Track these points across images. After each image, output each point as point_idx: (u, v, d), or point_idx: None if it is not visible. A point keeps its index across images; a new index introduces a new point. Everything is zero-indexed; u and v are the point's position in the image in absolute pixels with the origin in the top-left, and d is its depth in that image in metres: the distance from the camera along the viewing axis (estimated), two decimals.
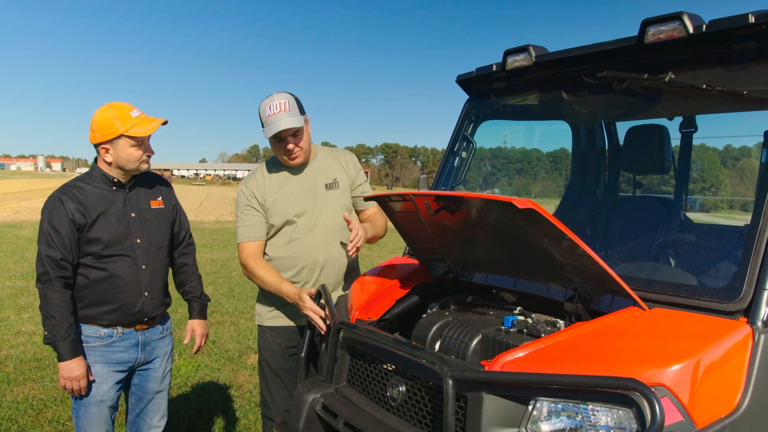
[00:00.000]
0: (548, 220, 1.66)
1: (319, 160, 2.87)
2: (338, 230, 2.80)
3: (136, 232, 2.51)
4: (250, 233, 2.82)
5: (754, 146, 2.46)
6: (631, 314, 1.77)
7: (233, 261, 12.06)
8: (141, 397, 2.69)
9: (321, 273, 2.78)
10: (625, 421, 1.45)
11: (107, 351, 2.51)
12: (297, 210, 2.77)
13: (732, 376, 1.55)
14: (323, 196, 2.80)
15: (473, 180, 3.27)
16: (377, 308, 2.38)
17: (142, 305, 2.54)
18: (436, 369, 1.68)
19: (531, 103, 2.85)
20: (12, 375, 4.90)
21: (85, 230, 2.41)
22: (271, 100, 2.64)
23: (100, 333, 2.50)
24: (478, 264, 2.37)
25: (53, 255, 2.35)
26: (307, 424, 2.16)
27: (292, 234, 2.79)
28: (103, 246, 2.43)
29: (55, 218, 2.37)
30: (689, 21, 1.96)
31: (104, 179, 2.49)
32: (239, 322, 6.97)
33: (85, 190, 2.45)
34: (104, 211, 2.45)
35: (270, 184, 2.82)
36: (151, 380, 2.68)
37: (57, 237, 2.36)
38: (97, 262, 2.45)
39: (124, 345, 2.55)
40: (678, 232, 2.65)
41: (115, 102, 2.46)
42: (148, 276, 2.54)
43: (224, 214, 28.01)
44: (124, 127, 2.39)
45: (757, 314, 1.63)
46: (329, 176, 2.85)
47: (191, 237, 2.86)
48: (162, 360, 2.71)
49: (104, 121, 2.39)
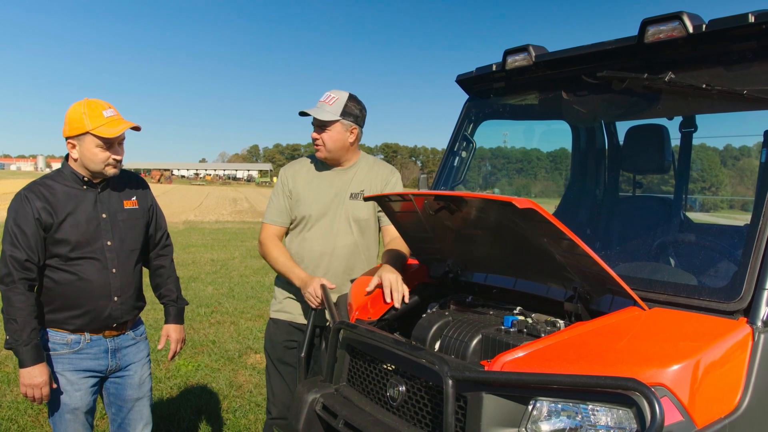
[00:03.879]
0: (548, 219, 1.66)
1: (357, 169, 2.88)
2: (349, 241, 2.81)
3: (106, 234, 2.39)
4: (274, 217, 2.89)
5: (754, 146, 2.47)
6: (631, 314, 1.77)
7: (233, 261, 12.07)
8: (120, 406, 2.58)
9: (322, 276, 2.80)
10: (625, 421, 1.45)
11: (75, 358, 2.41)
12: (317, 209, 2.80)
13: (732, 375, 1.55)
14: (345, 203, 2.82)
15: (473, 180, 3.27)
16: (377, 308, 2.38)
17: (111, 310, 2.42)
18: (435, 369, 1.68)
19: (531, 102, 2.85)
20: (12, 375, 4.89)
21: (52, 230, 2.29)
22: (329, 92, 2.77)
23: (67, 339, 2.39)
24: (478, 264, 2.37)
25: (17, 255, 2.24)
26: (307, 423, 2.16)
27: (305, 232, 2.83)
28: (70, 248, 2.32)
29: (21, 217, 2.26)
30: (689, 21, 1.96)
31: (74, 177, 2.37)
32: (239, 322, 6.97)
33: (53, 189, 2.33)
34: (73, 210, 2.33)
35: (304, 175, 2.88)
36: (128, 388, 2.57)
37: (22, 237, 2.25)
38: (64, 265, 2.33)
39: (93, 352, 2.44)
40: (678, 232, 2.65)
41: (93, 99, 2.36)
42: (119, 280, 2.42)
43: (224, 214, 28.03)
44: (92, 125, 2.27)
45: (757, 314, 1.63)
46: (359, 186, 2.85)
47: (168, 238, 2.76)
48: (138, 366, 2.59)
49: (74, 116, 2.29)
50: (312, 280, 2.58)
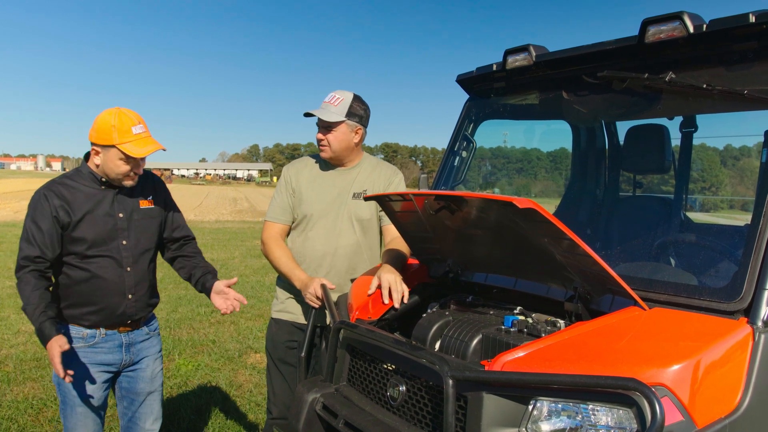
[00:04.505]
0: (548, 219, 1.66)
1: (360, 169, 2.89)
2: (351, 240, 2.81)
3: (122, 233, 2.45)
4: (277, 215, 2.88)
5: (754, 146, 2.47)
6: (631, 314, 1.77)
7: (233, 261, 12.07)
8: (132, 399, 2.64)
9: (324, 276, 2.80)
10: (625, 421, 1.45)
11: (90, 352, 2.46)
12: (319, 208, 2.81)
13: (732, 375, 1.55)
14: (347, 203, 2.82)
15: (473, 180, 3.27)
16: (377, 308, 2.38)
17: (126, 307, 2.48)
18: (436, 369, 1.68)
19: (531, 102, 2.85)
20: (12, 374, 4.90)
21: (69, 229, 2.35)
22: (333, 92, 2.76)
23: (82, 333, 2.45)
24: (479, 264, 2.37)
25: (30, 252, 2.30)
26: (307, 423, 2.16)
27: (307, 231, 2.83)
28: (87, 246, 2.37)
29: (38, 214, 2.32)
30: (689, 21, 1.96)
31: (92, 178, 2.43)
32: (239, 322, 6.97)
33: (72, 188, 2.39)
34: (91, 210, 2.38)
35: (308, 174, 2.89)
36: (140, 381, 2.62)
37: (38, 233, 2.30)
38: (80, 262, 2.39)
39: (108, 346, 2.50)
40: (678, 231, 2.65)
41: (125, 110, 2.38)
42: (133, 278, 2.48)
43: (224, 214, 28.03)
44: (119, 140, 2.31)
45: (757, 314, 1.63)
46: (362, 186, 2.86)
47: (189, 230, 2.79)
48: (150, 360, 2.65)
49: (104, 126, 2.33)
50: (312, 281, 2.58)
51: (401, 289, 2.36)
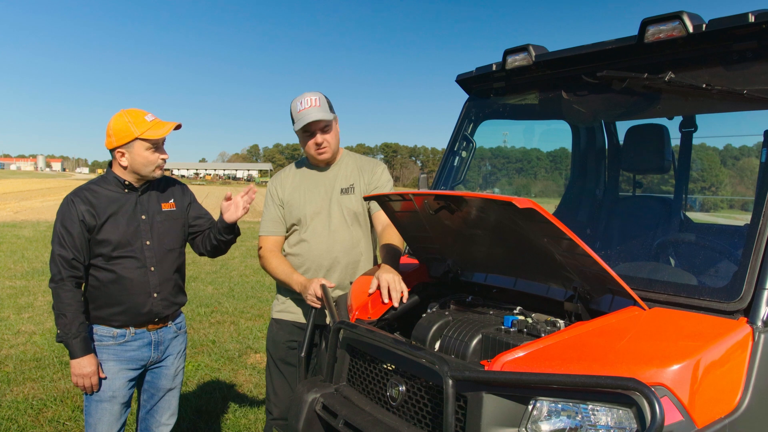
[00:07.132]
0: (548, 219, 1.66)
1: (342, 165, 2.91)
2: (348, 235, 2.82)
3: (146, 234, 2.56)
4: (269, 228, 2.92)
5: (754, 146, 2.46)
6: (631, 314, 1.77)
7: (233, 261, 12.07)
8: (153, 394, 2.74)
9: (325, 276, 2.80)
10: (625, 420, 1.45)
11: (120, 349, 2.56)
12: (310, 210, 2.83)
13: (732, 375, 1.55)
14: (337, 199, 2.84)
15: (473, 179, 3.27)
16: (377, 308, 2.38)
17: (152, 306, 2.58)
18: (436, 369, 1.68)
19: (531, 102, 2.85)
20: (12, 375, 4.90)
21: (95, 231, 2.47)
22: (302, 97, 2.75)
23: (113, 333, 2.56)
24: (478, 264, 2.37)
25: (65, 255, 2.42)
26: (307, 423, 2.16)
27: (303, 234, 2.85)
28: (112, 247, 2.49)
29: (67, 219, 2.45)
30: (689, 20, 1.96)
31: (117, 182, 2.56)
32: (239, 322, 6.97)
33: (97, 192, 2.52)
34: (114, 212, 2.51)
35: (292, 181, 2.92)
36: (163, 378, 2.73)
37: (69, 237, 2.43)
38: (106, 264, 2.51)
39: (137, 344, 2.60)
40: (678, 231, 2.65)
41: (129, 108, 2.53)
42: (157, 278, 2.59)
43: None
44: (139, 131, 2.45)
45: (757, 314, 1.63)
46: (347, 181, 2.88)
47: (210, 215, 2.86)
48: (174, 358, 2.75)
49: (120, 126, 2.46)
50: (311, 282, 2.59)
51: (400, 288, 2.36)
